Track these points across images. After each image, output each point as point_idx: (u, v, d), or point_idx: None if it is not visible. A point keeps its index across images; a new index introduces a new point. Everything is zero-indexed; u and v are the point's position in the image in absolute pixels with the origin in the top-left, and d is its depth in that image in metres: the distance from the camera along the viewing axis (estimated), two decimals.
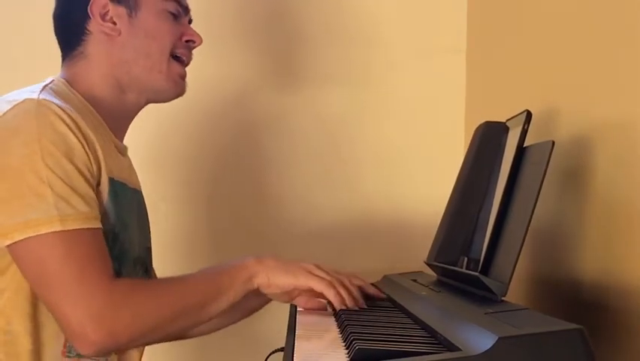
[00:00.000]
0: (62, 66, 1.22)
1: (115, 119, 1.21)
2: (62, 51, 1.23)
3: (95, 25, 1.19)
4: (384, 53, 1.79)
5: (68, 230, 1.00)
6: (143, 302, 1.05)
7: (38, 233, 0.99)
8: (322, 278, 1.13)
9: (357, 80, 1.79)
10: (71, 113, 1.06)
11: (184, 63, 1.25)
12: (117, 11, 1.19)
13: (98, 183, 1.09)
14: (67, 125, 1.04)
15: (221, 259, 1.75)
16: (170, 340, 1.22)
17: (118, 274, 1.11)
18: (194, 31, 1.26)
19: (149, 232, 1.31)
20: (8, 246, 1.02)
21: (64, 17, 1.22)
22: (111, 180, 1.12)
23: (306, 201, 1.78)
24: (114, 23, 1.19)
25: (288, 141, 1.79)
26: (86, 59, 1.20)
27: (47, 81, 1.15)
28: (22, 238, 1.00)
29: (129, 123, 1.27)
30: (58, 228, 1.00)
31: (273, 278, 1.12)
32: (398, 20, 1.79)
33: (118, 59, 1.19)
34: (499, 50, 1.57)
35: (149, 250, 1.30)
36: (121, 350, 1.16)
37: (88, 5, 1.18)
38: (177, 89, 1.24)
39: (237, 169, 1.81)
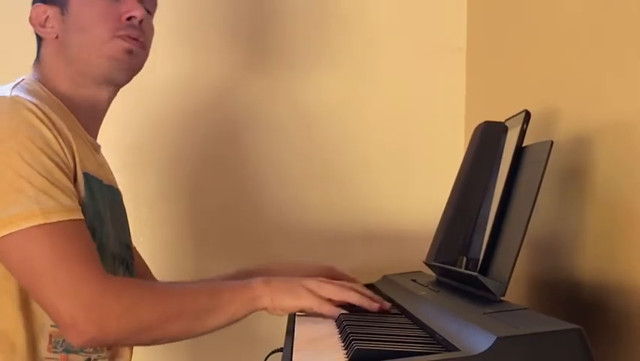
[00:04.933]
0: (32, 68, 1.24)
1: (87, 116, 1.21)
2: None
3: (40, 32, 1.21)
4: (384, 51, 1.79)
5: (51, 223, 1.00)
6: (136, 298, 1.05)
7: (20, 228, 0.99)
8: (322, 300, 1.10)
9: (356, 78, 1.79)
10: (44, 109, 1.06)
11: (130, 39, 1.19)
12: (53, 14, 1.20)
13: (75, 179, 1.09)
14: (41, 120, 1.04)
15: (212, 259, 1.77)
16: (164, 342, 1.21)
17: None
18: (134, 5, 1.19)
19: (128, 230, 1.30)
20: None
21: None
22: (86, 176, 1.11)
23: (305, 201, 1.78)
24: (53, 27, 1.20)
25: (284, 141, 1.79)
26: (41, 64, 1.22)
27: (18, 80, 1.15)
28: (4, 233, 1.00)
29: (101, 119, 1.26)
30: (40, 221, 1.00)
31: (278, 301, 1.10)
32: (398, 18, 1.79)
33: (63, 60, 1.20)
34: (499, 49, 1.57)
35: (128, 247, 1.28)
36: (111, 345, 1.15)
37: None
38: (122, 65, 1.19)
39: (228, 169, 1.80)
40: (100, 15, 1.18)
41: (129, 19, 1.19)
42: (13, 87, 1.11)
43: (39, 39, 1.23)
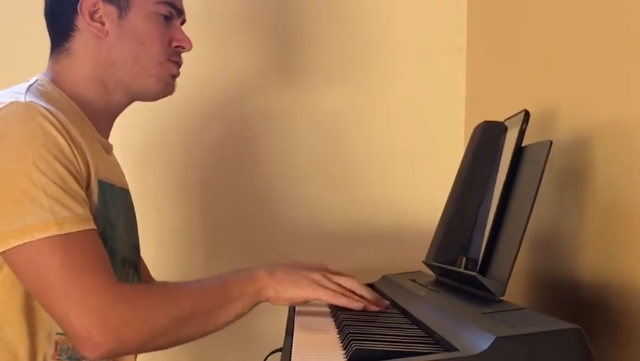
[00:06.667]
0: (49, 61, 1.20)
1: (100, 117, 1.20)
2: (51, 45, 1.21)
3: (83, 23, 1.17)
4: (384, 52, 1.79)
5: (65, 234, 0.99)
6: (151, 305, 1.04)
7: (34, 238, 0.97)
8: (328, 289, 1.11)
9: (357, 79, 1.79)
10: (58, 116, 1.05)
11: (177, 65, 1.24)
12: (107, 11, 1.17)
13: (88, 186, 1.07)
14: (55, 127, 1.02)
15: (220, 260, 1.77)
16: (176, 345, 1.20)
17: None
18: (184, 36, 1.24)
19: (137, 231, 1.30)
20: (3, 252, 1.00)
21: (55, 10, 1.20)
22: (99, 182, 1.10)
23: (305, 201, 1.78)
24: (103, 23, 1.17)
25: (287, 140, 1.79)
26: (71, 57, 1.18)
27: (32, 81, 1.13)
28: (18, 243, 0.98)
29: (114, 121, 1.26)
30: (54, 232, 0.98)
31: (282, 292, 1.10)
32: (398, 19, 1.79)
33: (104, 60, 1.17)
34: (499, 50, 1.57)
35: (136, 249, 1.28)
36: (127, 354, 1.14)
37: (78, 1, 1.16)
38: (167, 89, 1.23)
39: (236, 169, 1.80)
40: (160, 35, 1.20)
41: (177, 47, 1.22)
42: (27, 90, 1.08)
43: (69, 30, 1.18)
